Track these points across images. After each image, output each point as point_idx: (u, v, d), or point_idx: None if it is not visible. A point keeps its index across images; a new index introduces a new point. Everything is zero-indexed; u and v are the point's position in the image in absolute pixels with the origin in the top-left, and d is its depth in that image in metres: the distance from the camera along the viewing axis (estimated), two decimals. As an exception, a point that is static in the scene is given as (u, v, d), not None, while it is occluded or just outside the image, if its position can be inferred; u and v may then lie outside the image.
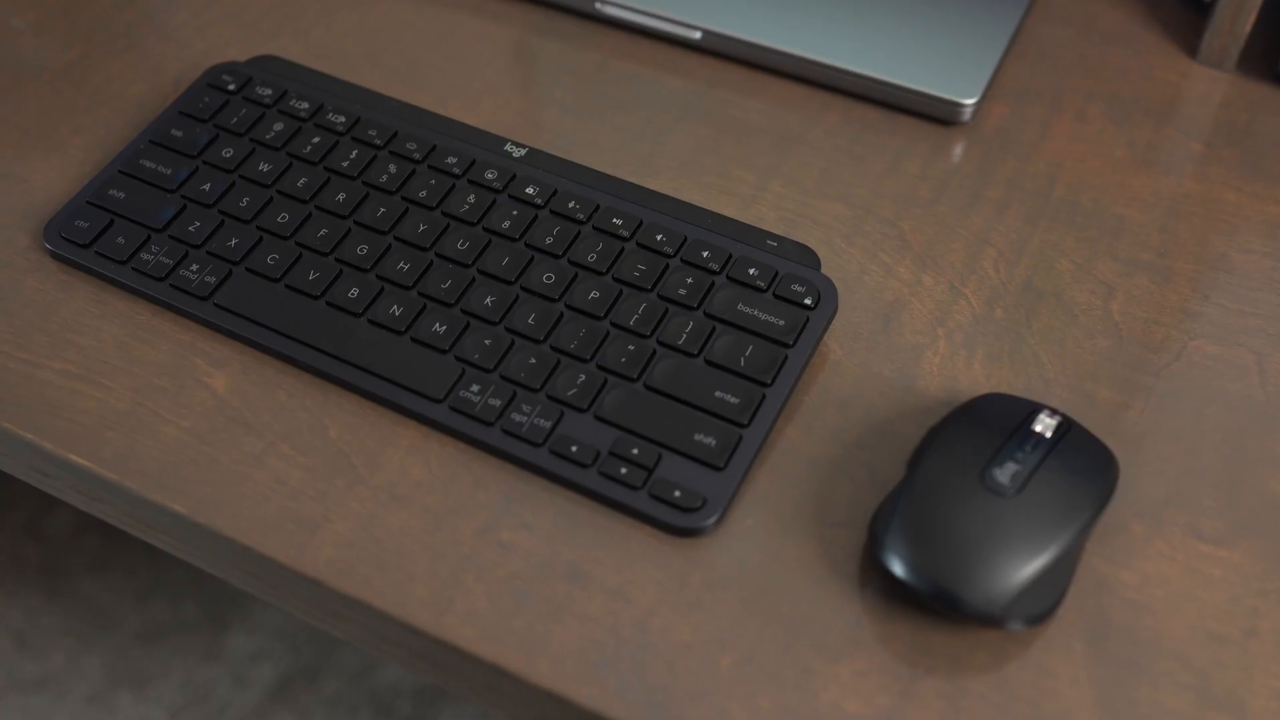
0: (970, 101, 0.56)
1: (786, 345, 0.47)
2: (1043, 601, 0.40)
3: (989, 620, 0.40)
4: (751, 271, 0.49)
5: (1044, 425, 0.43)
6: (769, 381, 0.46)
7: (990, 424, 0.43)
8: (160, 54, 0.61)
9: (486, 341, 0.47)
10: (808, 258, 0.50)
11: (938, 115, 0.57)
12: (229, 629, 1.13)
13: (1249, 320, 0.50)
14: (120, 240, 0.51)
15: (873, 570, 0.43)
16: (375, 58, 0.61)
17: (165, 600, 1.15)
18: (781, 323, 0.47)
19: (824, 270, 0.51)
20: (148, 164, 0.53)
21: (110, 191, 0.52)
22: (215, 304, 0.49)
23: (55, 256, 0.51)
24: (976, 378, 0.48)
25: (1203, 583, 0.43)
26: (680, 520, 0.43)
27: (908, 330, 0.50)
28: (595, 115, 0.58)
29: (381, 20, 0.63)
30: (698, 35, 0.60)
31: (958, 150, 0.57)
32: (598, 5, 0.61)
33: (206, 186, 0.52)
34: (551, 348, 0.47)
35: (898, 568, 0.41)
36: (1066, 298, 0.51)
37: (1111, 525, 0.44)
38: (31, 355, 0.48)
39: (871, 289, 0.51)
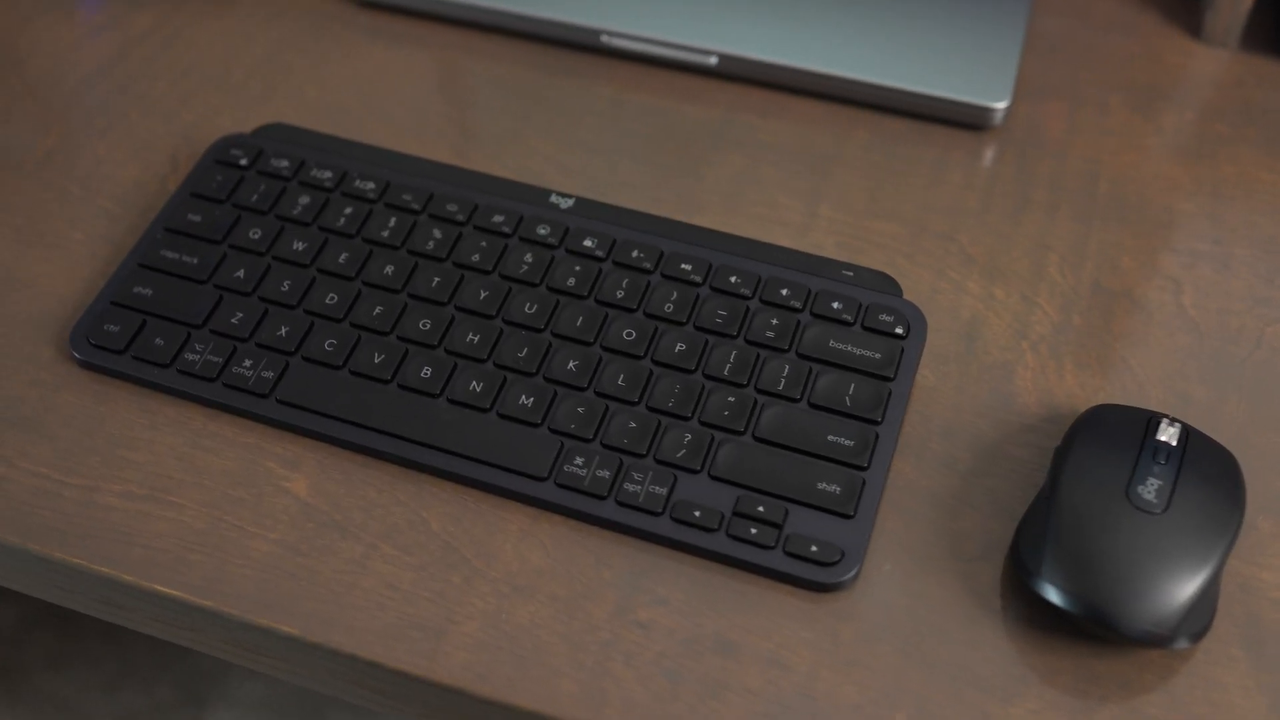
0: (1002, 105, 0.56)
1: (888, 378, 0.46)
2: (1203, 616, 0.40)
3: (1156, 642, 0.39)
4: (835, 305, 0.48)
5: (1168, 434, 0.43)
6: (879, 419, 0.45)
7: (1114, 438, 0.43)
8: (147, 129, 0.57)
9: (579, 409, 0.45)
10: (887, 285, 0.49)
11: (968, 121, 0.57)
12: (208, 707, 1.08)
13: (1314, 300, 0.51)
14: (159, 341, 0.47)
15: (1019, 601, 0.42)
16: (380, 112, 0.57)
17: (136, 687, 1.09)
18: (878, 356, 0.46)
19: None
20: (169, 254, 0.50)
21: (135, 289, 0.49)
22: (278, 400, 0.46)
23: (87, 366, 0.47)
24: (1071, 389, 0.48)
25: (1336, 572, 0.43)
26: (822, 576, 0.41)
27: (993, 347, 0.49)
28: (624, 154, 0.56)
29: (377, 72, 0.59)
30: (713, 60, 0.58)
31: (994, 155, 0.56)
32: (604, 39, 0.59)
33: (240, 273, 0.49)
34: (648, 408, 0.45)
35: (1058, 597, 0.40)
36: (1137, 296, 0.51)
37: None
38: (86, 479, 0.44)
39: (946, 308, 0.50)
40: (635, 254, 0.49)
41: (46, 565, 0.43)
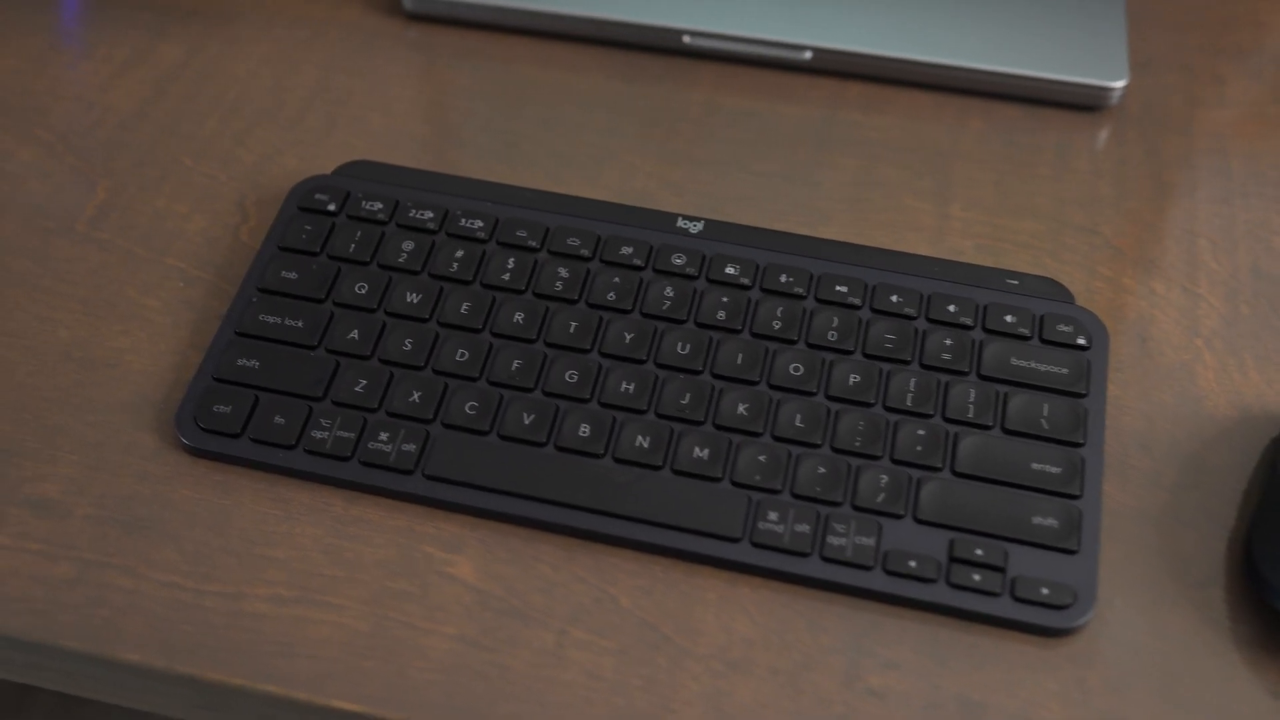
0: (1120, 84, 0.53)
1: (1081, 395, 0.43)
2: None
3: None
4: (1008, 319, 0.44)
5: (1392, 433, 0.40)
6: (1081, 440, 0.42)
7: (1338, 443, 0.40)
8: (206, 175, 0.51)
9: (760, 458, 0.41)
10: (1057, 292, 0.46)
11: (1084, 103, 0.54)
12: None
13: None
14: (279, 420, 0.42)
15: (1259, 624, 0.39)
16: (457, 138, 0.53)
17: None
18: (1065, 371, 0.43)
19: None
20: (269, 319, 0.45)
21: (239, 361, 0.44)
22: (425, 475, 0.41)
23: (199, 454, 0.42)
24: (1258, 386, 0.45)
25: None
26: (1057, 621, 0.38)
27: (1166, 347, 0.46)
28: (732, 165, 0.52)
29: (442, 92, 0.55)
30: (808, 55, 0.55)
31: (1117, 137, 0.53)
32: (686, 39, 0.55)
33: (354, 334, 0.44)
34: (834, 450, 0.42)
35: (1316, 624, 0.37)
36: (1299, 279, 0.48)
37: None
38: (225, 586, 0.40)
39: (1109, 309, 0.47)
40: (784, 279, 0.45)
41: (197, 687, 0.38)
